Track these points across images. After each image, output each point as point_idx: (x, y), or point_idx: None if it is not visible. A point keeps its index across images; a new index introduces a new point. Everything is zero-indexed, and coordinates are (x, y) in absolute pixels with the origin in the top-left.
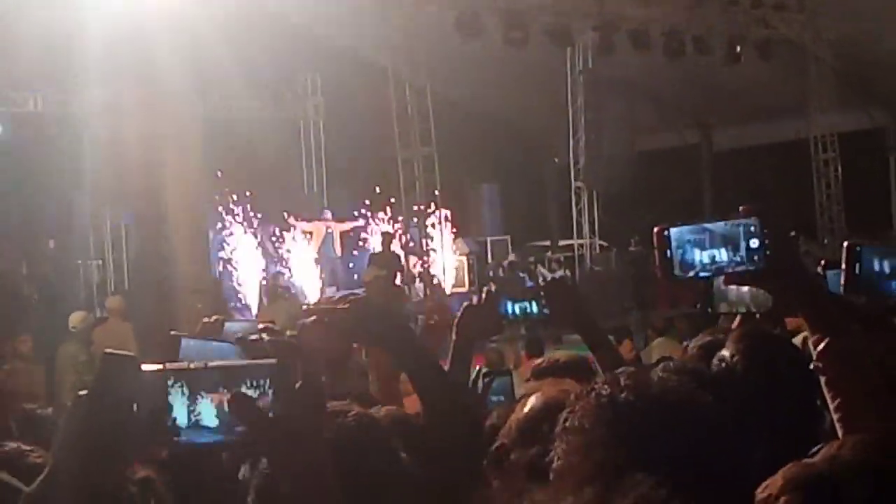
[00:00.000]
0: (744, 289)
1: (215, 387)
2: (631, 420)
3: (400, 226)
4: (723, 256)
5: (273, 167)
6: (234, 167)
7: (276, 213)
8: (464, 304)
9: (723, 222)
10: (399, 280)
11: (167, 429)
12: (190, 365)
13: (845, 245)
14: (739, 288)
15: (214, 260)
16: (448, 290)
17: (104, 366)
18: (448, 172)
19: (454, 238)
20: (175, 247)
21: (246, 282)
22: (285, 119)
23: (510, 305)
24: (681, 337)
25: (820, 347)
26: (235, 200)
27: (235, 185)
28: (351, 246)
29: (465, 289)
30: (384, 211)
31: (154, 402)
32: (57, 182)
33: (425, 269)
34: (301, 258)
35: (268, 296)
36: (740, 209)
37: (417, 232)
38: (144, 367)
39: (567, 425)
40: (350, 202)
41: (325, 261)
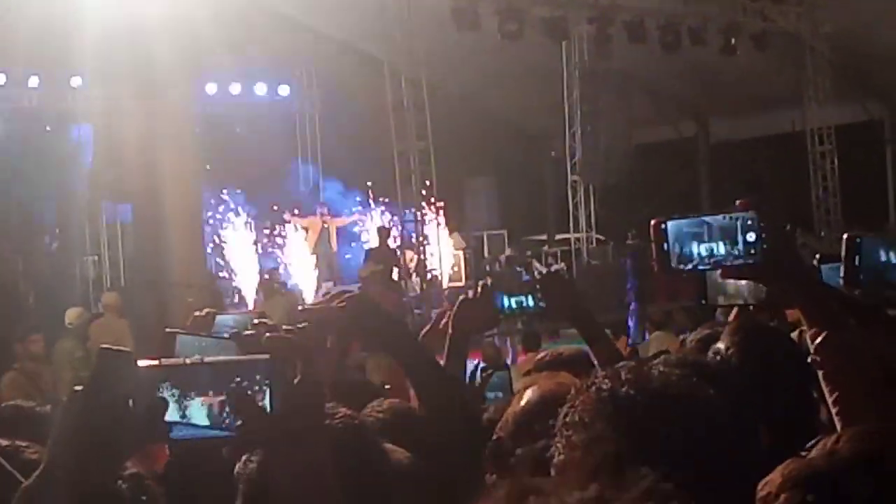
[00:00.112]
0: (741, 282)
1: (205, 388)
2: (631, 414)
3: (396, 220)
4: (721, 250)
5: (269, 162)
6: (230, 162)
7: (272, 208)
8: (459, 298)
9: (721, 215)
10: (395, 275)
11: (164, 424)
12: (186, 360)
13: (845, 237)
14: (737, 281)
15: (210, 256)
16: (444, 285)
17: (100, 361)
18: (444, 166)
19: (450, 232)
20: (171, 243)
21: (242, 278)
22: (281, 113)
23: (506, 300)
24: (677, 330)
25: (818, 341)
26: (231, 196)
27: (231, 181)
28: (347, 240)
29: (462, 283)
30: (380, 205)
31: (150, 398)
32: (53, 179)
33: (421, 264)
34: (297, 253)
35: (264, 291)
36: (737, 203)
37: (414, 226)
38: (140, 363)
39: (567, 420)
40: (346, 196)
41: (322, 256)
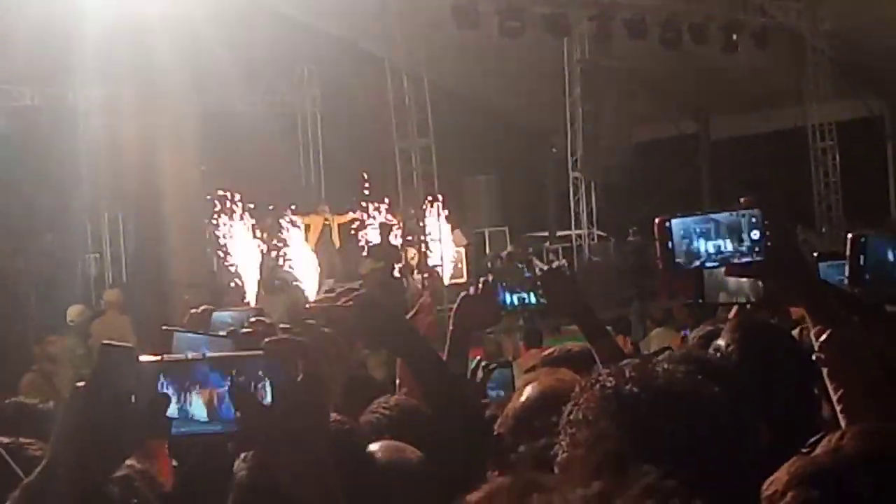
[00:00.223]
0: (743, 279)
1: (205, 382)
2: (635, 412)
3: (398, 217)
4: (728, 247)
5: (270, 160)
6: (232, 160)
7: (273, 206)
8: (461, 295)
9: (727, 212)
10: (397, 272)
11: (166, 420)
12: (188, 355)
13: (850, 236)
14: (739, 278)
15: (212, 253)
16: (446, 282)
17: (102, 357)
18: (446, 163)
19: (452, 229)
20: (172, 240)
21: (243, 275)
22: (282, 111)
23: (508, 296)
24: (678, 326)
25: (821, 339)
26: (232, 193)
27: (232, 178)
28: (349, 238)
29: (464, 280)
30: (382, 202)
31: (153, 393)
32: (54, 177)
33: (423, 261)
34: (299, 251)
35: (265, 288)
36: (741, 200)
37: (415, 223)
38: (142, 358)
39: (571, 417)
40: (348, 194)
41: (323, 253)
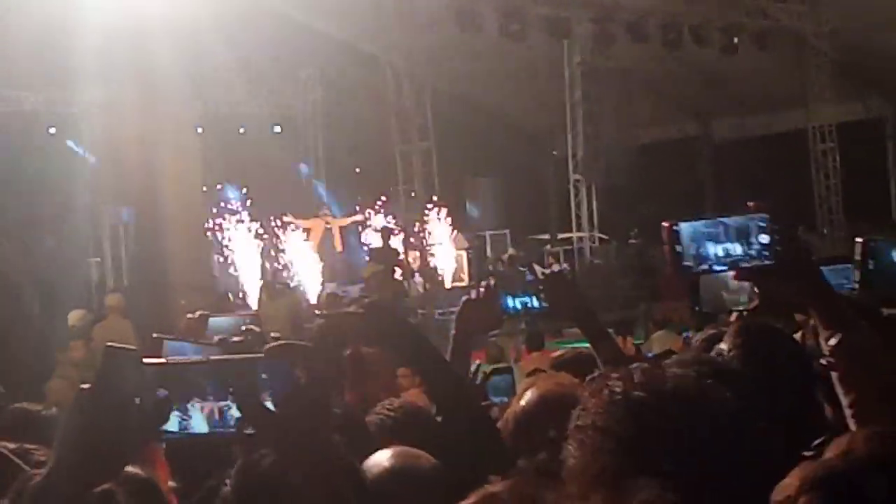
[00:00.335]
0: (744, 284)
1: (206, 392)
2: (644, 417)
3: (399, 220)
4: (737, 250)
5: (271, 163)
6: (233, 163)
7: (275, 209)
8: (463, 299)
9: (736, 216)
10: (398, 275)
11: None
12: (192, 358)
13: (859, 241)
14: (741, 283)
15: (213, 257)
16: (447, 285)
17: (106, 359)
18: (446, 166)
19: (453, 232)
20: (173, 244)
21: (245, 279)
22: (283, 114)
23: (510, 300)
24: (679, 329)
25: (832, 343)
26: (234, 197)
27: (233, 182)
28: (350, 241)
29: (465, 283)
30: (382, 206)
31: (157, 395)
32: (56, 181)
33: (424, 264)
34: (300, 254)
35: (267, 292)
36: (749, 204)
37: (416, 226)
38: (146, 361)
39: (580, 423)
40: (349, 197)
41: (325, 256)
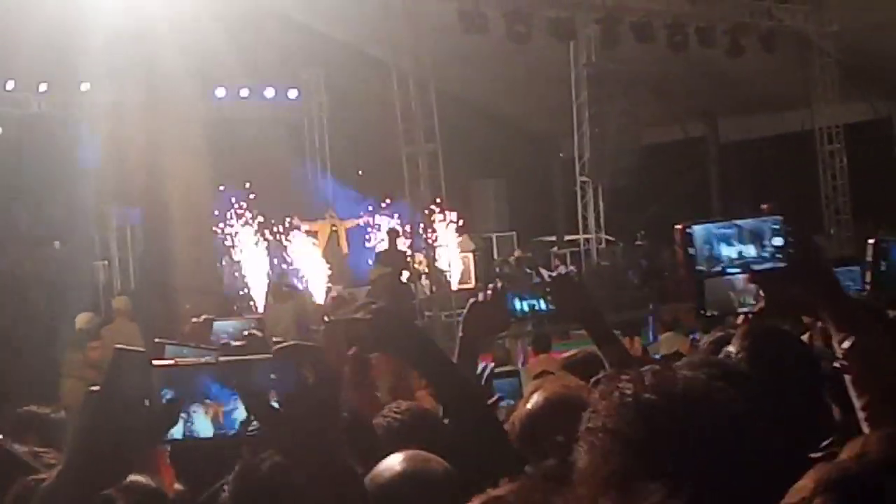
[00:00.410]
0: (750, 286)
1: (210, 394)
2: (654, 419)
3: (405, 222)
4: (750, 252)
5: (277, 165)
6: (239, 166)
7: (281, 212)
8: (470, 301)
9: (749, 218)
10: (405, 277)
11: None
12: (201, 359)
13: (871, 242)
14: (746, 285)
15: (219, 259)
16: (454, 287)
17: (115, 361)
18: (453, 168)
19: (459, 234)
20: (180, 247)
21: (252, 281)
22: (289, 117)
23: (517, 302)
24: (687, 331)
25: (845, 346)
26: (240, 199)
27: (240, 184)
28: (356, 243)
29: (472, 285)
30: (389, 208)
31: (165, 397)
32: (62, 184)
33: (431, 266)
34: (307, 257)
35: (274, 295)
36: (763, 207)
37: (423, 229)
38: (155, 363)
39: (590, 425)
40: (355, 199)
41: (331, 258)
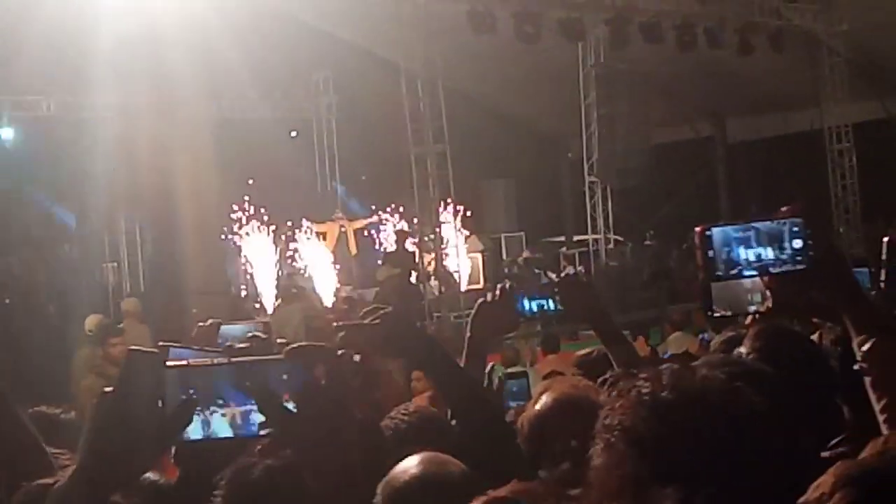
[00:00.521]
0: (756, 290)
1: (228, 396)
2: (672, 418)
3: (414, 223)
4: (768, 254)
5: (286, 167)
6: (247, 168)
7: (290, 213)
8: (478, 301)
9: (768, 221)
10: (414, 278)
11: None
12: (213, 360)
13: (886, 240)
14: (753, 286)
15: (229, 261)
16: (463, 287)
17: (129, 362)
18: (461, 169)
19: (468, 235)
20: (189, 249)
21: (261, 283)
22: (297, 118)
23: (527, 302)
24: (696, 331)
25: (865, 348)
26: (249, 201)
27: (249, 186)
28: (365, 244)
29: (480, 285)
30: (397, 208)
31: (180, 398)
32: (72, 187)
33: (439, 267)
34: (315, 258)
35: (282, 296)
36: (783, 209)
37: (431, 229)
38: (168, 364)
39: (607, 422)
40: (363, 200)
41: (340, 260)
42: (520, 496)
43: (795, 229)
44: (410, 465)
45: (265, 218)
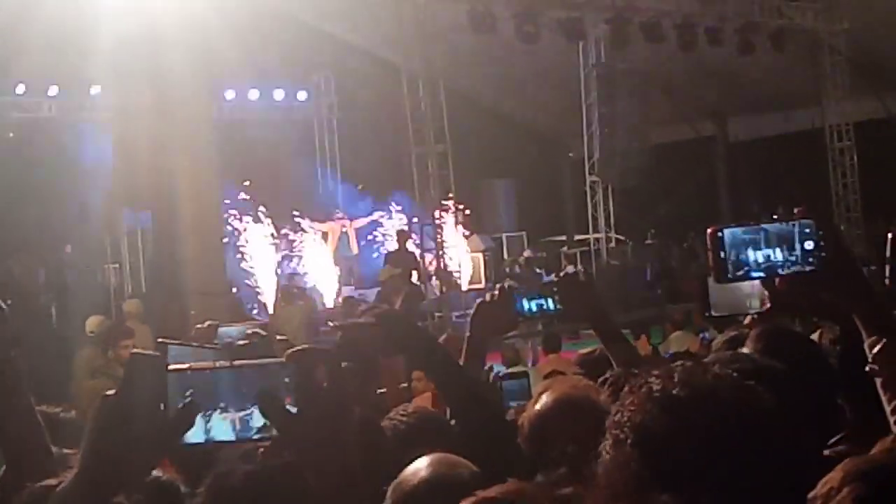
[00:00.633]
0: (755, 289)
1: (228, 399)
2: (682, 415)
3: (415, 223)
4: (777, 256)
5: (287, 167)
6: (248, 168)
7: (291, 213)
8: (477, 301)
9: (779, 223)
10: (415, 278)
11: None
12: (215, 363)
13: (890, 236)
14: (752, 287)
15: (230, 261)
16: (464, 287)
17: (131, 366)
18: (462, 169)
19: (469, 235)
20: (191, 249)
21: (262, 284)
22: (299, 119)
23: (525, 302)
24: (697, 329)
25: (876, 349)
26: (250, 201)
27: (250, 187)
28: (365, 243)
29: (482, 285)
30: (399, 209)
31: (181, 401)
32: (73, 187)
33: (441, 267)
34: (317, 258)
35: (283, 297)
36: (795, 210)
37: (432, 229)
38: (171, 367)
39: (617, 419)
40: (364, 201)
41: (341, 260)
42: (510, 497)
43: (807, 231)
44: (420, 468)
45: (266, 219)
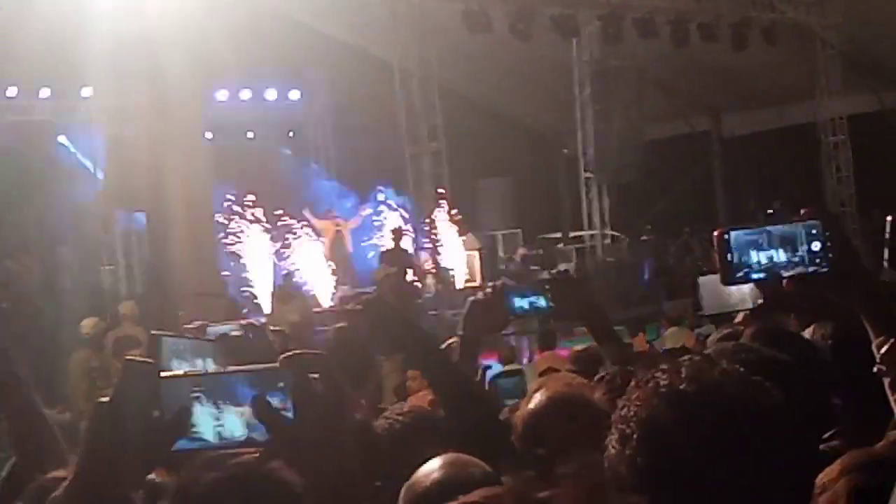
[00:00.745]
0: (745, 288)
1: (241, 397)
2: (688, 410)
3: (409, 222)
4: (781, 257)
5: (281, 167)
6: (242, 168)
7: (285, 213)
8: (469, 300)
9: (783, 224)
10: (411, 276)
11: (190, 432)
12: (208, 370)
13: (889, 219)
14: (740, 287)
15: (224, 263)
16: (459, 285)
17: (125, 372)
18: (457, 167)
19: (464, 233)
20: (184, 251)
21: (257, 284)
22: (292, 118)
23: (518, 300)
24: (693, 326)
25: (883, 350)
26: (244, 201)
27: (243, 186)
28: (359, 243)
29: (477, 283)
30: (393, 207)
31: (177, 407)
32: (67, 189)
33: (436, 265)
34: (312, 258)
35: (279, 297)
36: (801, 212)
37: (427, 227)
38: (164, 374)
39: (623, 413)
40: (358, 200)
41: (337, 260)
42: (489, 502)
43: (814, 232)
44: (433, 469)
45: (261, 218)
